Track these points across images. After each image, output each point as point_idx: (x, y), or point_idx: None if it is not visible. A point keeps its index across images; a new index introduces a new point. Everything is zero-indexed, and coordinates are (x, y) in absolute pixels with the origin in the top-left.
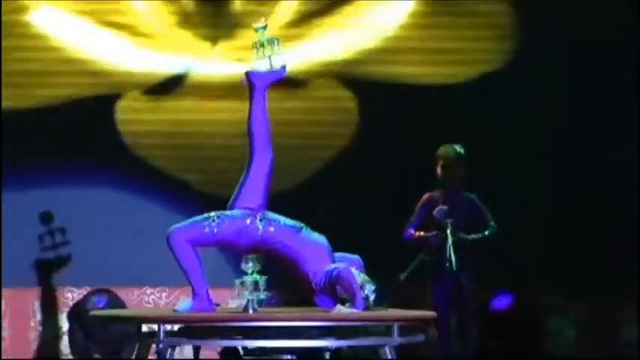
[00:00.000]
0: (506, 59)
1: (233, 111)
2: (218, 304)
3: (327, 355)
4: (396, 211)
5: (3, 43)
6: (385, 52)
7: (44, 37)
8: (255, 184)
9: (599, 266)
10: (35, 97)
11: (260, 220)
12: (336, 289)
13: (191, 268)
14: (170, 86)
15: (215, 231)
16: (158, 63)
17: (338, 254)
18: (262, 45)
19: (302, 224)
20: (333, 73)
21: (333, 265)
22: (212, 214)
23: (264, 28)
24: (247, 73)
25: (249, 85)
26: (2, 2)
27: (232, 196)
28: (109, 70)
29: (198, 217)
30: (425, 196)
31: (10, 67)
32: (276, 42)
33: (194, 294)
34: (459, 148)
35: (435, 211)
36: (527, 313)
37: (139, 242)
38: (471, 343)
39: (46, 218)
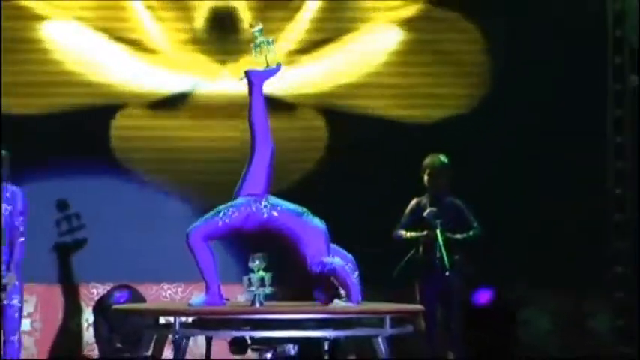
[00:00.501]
0: (478, 104)
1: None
2: (228, 299)
3: (326, 345)
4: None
5: (10, 54)
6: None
7: (51, 49)
8: (257, 173)
9: (586, 263)
10: (37, 106)
11: (264, 205)
12: (330, 281)
13: (206, 265)
14: (175, 103)
15: (227, 221)
16: (167, 80)
17: (333, 246)
18: (259, 46)
19: (303, 209)
20: (318, 100)
21: (329, 259)
22: (221, 208)
23: (260, 30)
24: (246, 72)
25: (248, 83)
26: (2, 12)
27: (237, 185)
28: (115, 84)
29: (210, 214)
30: (413, 201)
31: (14, 77)
32: (271, 43)
33: (207, 289)
34: (443, 158)
35: (426, 213)
36: (507, 306)
37: (157, 242)
38: (457, 338)
39: (62, 205)
